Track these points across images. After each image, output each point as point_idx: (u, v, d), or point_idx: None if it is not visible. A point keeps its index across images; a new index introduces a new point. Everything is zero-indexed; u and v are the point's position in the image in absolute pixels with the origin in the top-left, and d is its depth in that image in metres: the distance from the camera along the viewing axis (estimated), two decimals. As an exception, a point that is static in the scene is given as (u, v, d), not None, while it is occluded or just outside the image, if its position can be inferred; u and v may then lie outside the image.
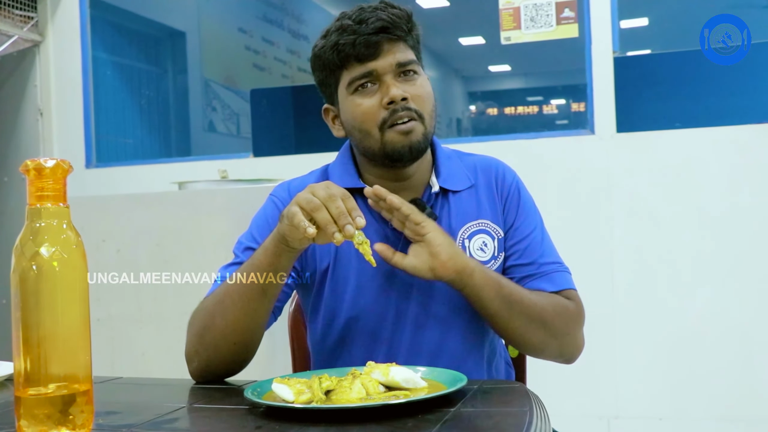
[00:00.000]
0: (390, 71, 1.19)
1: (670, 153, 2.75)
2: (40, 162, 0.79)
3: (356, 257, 1.21)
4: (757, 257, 2.64)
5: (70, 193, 0.83)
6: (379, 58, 1.18)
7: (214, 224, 2.43)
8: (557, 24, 2.95)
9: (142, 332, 2.56)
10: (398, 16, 1.20)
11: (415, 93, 1.20)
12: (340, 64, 1.20)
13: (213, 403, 1.02)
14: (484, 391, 1.01)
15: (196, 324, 1.17)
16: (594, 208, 2.79)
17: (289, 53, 5.13)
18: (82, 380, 0.80)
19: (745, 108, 2.81)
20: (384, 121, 1.18)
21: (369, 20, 1.18)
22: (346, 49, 1.18)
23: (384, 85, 1.19)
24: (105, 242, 2.58)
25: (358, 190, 1.22)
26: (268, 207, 1.29)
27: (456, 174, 1.28)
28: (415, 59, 1.22)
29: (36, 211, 0.79)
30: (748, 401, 2.61)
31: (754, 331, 2.62)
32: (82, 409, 0.79)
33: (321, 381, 0.95)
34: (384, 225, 1.23)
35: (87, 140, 3.47)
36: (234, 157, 3.27)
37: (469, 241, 1.24)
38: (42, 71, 3.48)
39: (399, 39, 1.20)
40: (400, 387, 0.96)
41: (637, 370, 2.72)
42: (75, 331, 0.80)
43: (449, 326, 1.24)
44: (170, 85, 4.27)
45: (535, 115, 6.43)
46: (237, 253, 1.25)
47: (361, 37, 1.17)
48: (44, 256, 0.78)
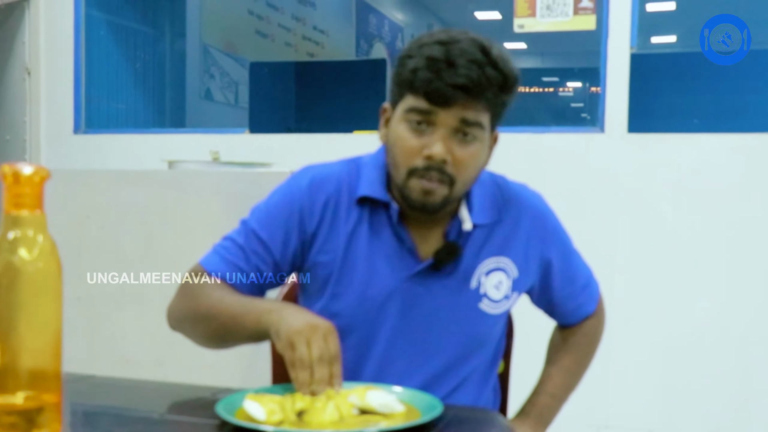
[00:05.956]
0: (448, 126, 1.12)
1: (680, 157, 2.68)
2: (18, 169, 0.79)
3: (365, 266, 1.20)
4: (757, 271, 2.60)
5: (57, 161, 0.76)
6: (446, 108, 1.11)
7: (202, 207, 2.40)
8: (574, 14, 2.83)
9: (122, 313, 2.52)
10: (491, 78, 1.10)
11: (460, 157, 1.13)
12: (409, 88, 1.14)
13: (185, 415, 1.02)
14: (459, 420, 1.01)
15: (184, 309, 1.20)
16: (597, 208, 2.73)
17: (294, 20, 4.97)
18: (53, 390, 0.81)
19: (764, 115, 2.73)
20: (415, 169, 1.14)
21: (458, 70, 1.08)
22: (419, 83, 1.11)
23: (435, 134, 1.12)
24: (89, 218, 2.53)
25: (384, 203, 1.20)
26: (280, 201, 1.22)
27: (488, 206, 1.24)
28: (483, 123, 1.14)
29: (12, 218, 0.79)
30: (741, 418, 2.60)
31: (750, 347, 2.60)
32: (51, 419, 0.80)
33: (294, 401, 0.95)
34: (401, 246, 1.20)
35: (76, 103, 3.36)
36: (229, 132, 3.17)
37: (486, 277, 1.23)
38: (31, 28, 3.35)
39: (478, 100, 1.12)
40: (375, 412, 0.96)
41: (630, 381, 2.70)
42: (47, 341, 0.81)
43: (446, 358, 1.23)
44: (167, 48, 4.13)
45: (550, 94, 6.30)
46: (237, 239, 1.22)
47: (439, 83, 1.09)
48: (18, 265, 0.78)
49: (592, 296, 1.36)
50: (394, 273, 1.20)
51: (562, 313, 1.35)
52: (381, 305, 1.20)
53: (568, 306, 1.34)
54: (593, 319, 1.37)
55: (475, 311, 1.22)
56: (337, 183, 1.21)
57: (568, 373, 1.35)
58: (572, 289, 1.33)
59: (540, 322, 1.43)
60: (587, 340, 1.37)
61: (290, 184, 1.24)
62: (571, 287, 1.32)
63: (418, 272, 1.20)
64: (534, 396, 1.34)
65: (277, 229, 1.20)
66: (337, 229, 1.20)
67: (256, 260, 1.20)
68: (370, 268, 1.19)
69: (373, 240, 1.20)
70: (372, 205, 1.20)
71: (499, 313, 1.24)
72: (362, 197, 1.20)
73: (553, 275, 1.30)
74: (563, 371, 1.35)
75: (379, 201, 1.20)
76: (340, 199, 1.21)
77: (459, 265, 1.21)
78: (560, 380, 1.34)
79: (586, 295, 1.35)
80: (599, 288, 1.39)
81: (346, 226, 1.20)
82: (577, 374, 1.37)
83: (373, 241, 1.20)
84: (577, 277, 1.33)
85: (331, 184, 1.21)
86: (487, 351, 1.28)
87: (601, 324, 1.39)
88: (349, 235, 1.20)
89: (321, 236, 1.20)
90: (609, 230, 2.71)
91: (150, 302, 2.39)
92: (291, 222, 1.20)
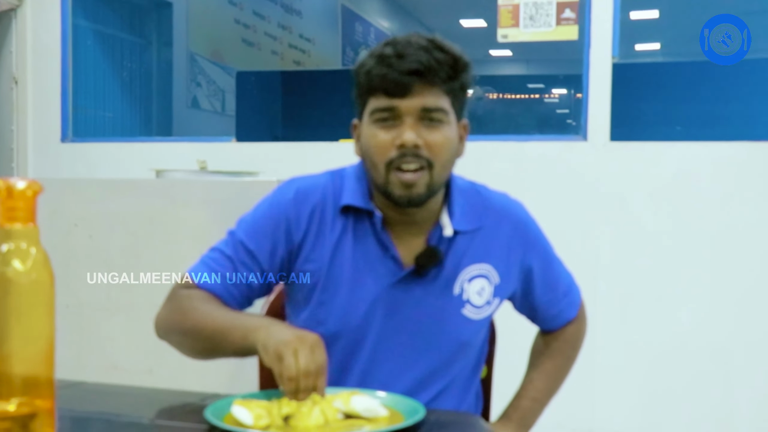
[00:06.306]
0: (413, 114, 1.16)
1: (663, 165, 2.71)
2: (11, 183, 0.81)
3: (350, 273, 1.22)
4: (739, 278, 2.63)
5: (45, 169, 0.78)
6: (406, 98, 1.16)
7: (190, 216, 2.41)
8: (557, 24, 2.87)
9: (111, 320, 2.52)
10: (440, 61, 1.15)
11: (431, 140, 1.17)
12: (368, 91, 1.19)
13: (174, 420, 1.04)
14: (442, 424, 1.03)
15: (171, 322, 1.21)
16: (580, 216, 2.75)
17: (281, 28, 4.99)
18: (45, 397, 0.82)
19: (745, 124, 2.76)
20: (391, 161, 1.17)
21: (408, 58, 1.14)
22: (376, 80, 1.16)
23: (403, 125, 1.16)
24: (77, 227, 2.53)
25: (368, 211, 1.23)
26: (267, 212, 1.25)
27: (469, 213, 1.27)
28: (444, 108, 1.18)
29: (5, 231, 0.81)
30: (723, 425, 2.62)
31: (734, 353, 2.62)
32: (44, 425, 0.81)
33: (281, 406, 0.98)
34: (385, 253, 1.22)
35: (64, 112, 3.36)
36: (216, 140, 3.18)
37: (468, 284, 1.25)
38: (18, 37, 3.34)
39: (434, 84, 1.16)
40: (359, 416, 0.99)
41: (615, 385, 2.72)
42: (40, 349, 0.82)
43: (430, 363, 1.25)
44: (154, 57, 4.14)
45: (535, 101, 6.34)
46: (225, 250, 1.23)
47: (393, 73, 1.14)
48: (11, 276, 0.80)
49: (574, 302, 1.39)
50: (378, 280, 1.22)
51: (543, 318, 1.37)
52: (366, 312, 1.22)
53: (550, 312, 1.36)
54: (575, 325, 1.39)
55: (459, 317, 1.24)
56: (321, 194, 1.24)
57: (549, 378, 1.38)
58: (553, 295, 1.35)
59: (522, 329, 1.45)
60: (569, 345, 1.40)
61: (276, 195, 1.26)
62: (553, 293, 1.35)
63: (402, 279, 1.22)
64: (516, 400, 1.36)
65: (264, 239, 1.22)
66: (323, 239, 1.22)
67: (243, 270, 1.21)
68: (354, 275, 1.21)
69: (358, 248, 1.22)
70: (356, 214, 1.23)
71: (481, 318, 1.26)
72: (346, 206, 1.22)
73: (535, 282, 1.32)
74: (545, 375, 1.37)
75: (362, 210, 1.22)
76: (325, 209, 1.23)
77: (442, 272, 1.23)
78: (542, 384, 1.37)
79: (567, 301, 1.37)
80: (581, 294, 1.41)
81: (331, 235, 1.22)
82: (558, 378, 1.39)
83: (357, 250, 1.22)
84: (558, 283, 1.36)
85: (316, 195, 1.24)
86: (470, 356, 1.30)
87: (582, 329, 1.41)
88: (335, 244, 1.22)
89: (307, 246, 1.22)
90: (591, 237, 2.73)
91: (138, 310, 2.39)
92: (278, 232, 1.22)
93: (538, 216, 1.35)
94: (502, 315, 1.40)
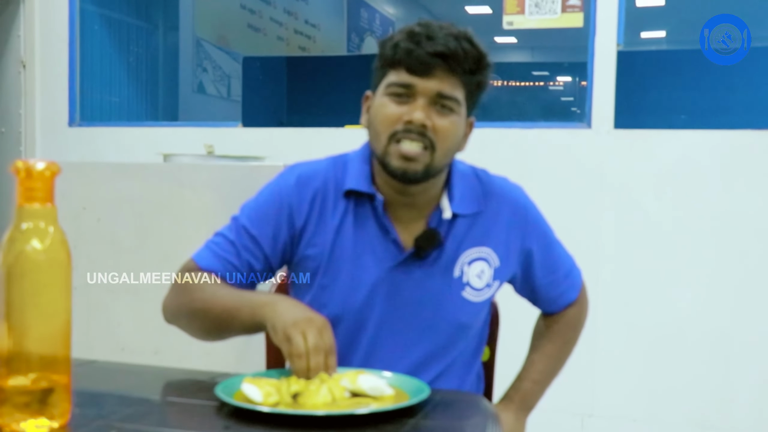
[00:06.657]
0: (427, 96, 1.18)
1: (666, 153, 2.71)
2: (30, 164, 0.84)
3: (351, 257, 1.24)
4: (741, 265, 2.64)
5: (52, 153, 0.81)
6: (425, 78, 1.17)
7: (197, 199, 2.42)
8: (562, 11, 2.87)
9: (118, 302, 2.54)
10: (466, 52, 1.18)
11: (439, 125, 1.18)
12: (391, 64, 1.20)
13: (185, 397, 1.06)
14: (446, 403, 1.05)
15: (179, 305, 1.23)
16: (583, 203, 2.76)
17: (286, 14, 4.99)
18: (62, 372, 0.85)
19: (748, 112, 2.77)
20: (395, 133, 1.18)
21: (437, 40, 1.16)
22: (400, 54, 1.18)
23: (415, 104, 1.18)
24: (85, 210, 2.55)
25: (369, 195, 1.24)
26: (269, 198, 1.27)
27: (469, 197, 1.28)
28: (458, 98, 1.20)
29: (24, 210, 0.83)
30: (723, 411, 2.64)
31: (735, 340, 2.63)
32: (61, 399, 0.84)
33: (289, 384, 1.00)
34: (386, 236, 1.24)
35: (71, 96, 3.37)
36: (223, 125, 3.20)
37: (468, 267, 1.26)
38: (26, 21, 3.35)
39: (455, 73, 1.18)
40: (366, 395, 1.01)
41: (615, 370, 2.73)
42: (57, 326, 0.85)
43: (430, 345, 1.27)
44: (160, 42, 4.14)
45: (540, 88, 6.32)
46: (228, 235, 1.25)
47: (419, 50, 1.16)
48: (30, 254, 0.82)
49: (574, 284, 1.40)
50: (379, 263, 1.24)
51: (544, 301, 1.39)
52: (367, 295, 1.24)
53: (551, 294, 1.38)
54: (576, 307, 1.41)
55: (459, 299, 1.26)
56: (323, 179, 1.26)
57: (551, 360, 1.40)
58: (554, 277, 1.37)
59: (525, 312, 1.46)
60: (570, 328, 1.41)
61: (278, 181, 1.28)
62: (553, 276, 1.36)
63: (402, 261, 1.24)
64: (518, 381, 1.39)
65: (267, 224, 1.24)
66: (325, 223, 1.24)
67: (246, 255, 1.23)
68: (356, 259, 1.23)
69: (359, 232, 1.24)
70: (357, 198, 1.25)
71: (481, 301, 1.28)
72: (348, 191, 1.24)
73: (535, 264, 1.34)
74: (546, 358, 1.40)
75: (364, 193, 1.24)
76: (326, 194, 1.25)
77: (442, 255, 1.25)
78: (543, 367, 1.39)
79: (568, 283, 1.39)
80: (582, 276, 1.42)
81: (333, 219, 1.24)
82: (560, 361, 1.41)
83: (358, 233, 1.24)
84: (558, 266, 1.37)
85: (318, 180, 1.25)
86: (471, 338, 1.32)
87: (583, 311, 1.43)
88: (336, 228, 1.24)
89: (309, 230, 1.24)
90: (595, 224, 2.74)
91: (145, 291, 2.42)
92: (280, 218, 1.24)
93: (542, 202, 1.37)
94: (505, 298, 1.42)
